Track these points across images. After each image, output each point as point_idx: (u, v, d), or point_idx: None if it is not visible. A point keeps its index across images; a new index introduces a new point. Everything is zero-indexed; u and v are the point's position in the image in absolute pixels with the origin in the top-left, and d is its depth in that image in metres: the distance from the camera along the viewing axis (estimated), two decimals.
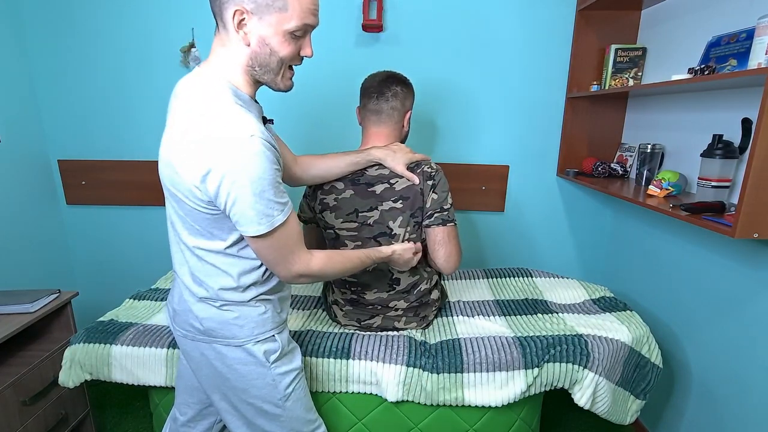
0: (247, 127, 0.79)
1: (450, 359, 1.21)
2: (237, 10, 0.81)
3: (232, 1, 0.81)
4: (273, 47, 0.85)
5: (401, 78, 1.28)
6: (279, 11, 0.82)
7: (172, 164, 0.84)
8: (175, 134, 0.84)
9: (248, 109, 0.84)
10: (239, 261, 0.92)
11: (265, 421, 1.02)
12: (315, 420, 1.12)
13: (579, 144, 1.89)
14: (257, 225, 0.83)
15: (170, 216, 0.95)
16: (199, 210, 0.86)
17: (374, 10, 1.74)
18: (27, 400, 1.36)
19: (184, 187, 0.84)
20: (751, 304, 1.24)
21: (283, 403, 1.01)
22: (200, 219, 0.87)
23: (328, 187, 1.26)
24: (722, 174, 1.22)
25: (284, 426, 1.04)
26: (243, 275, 0.93)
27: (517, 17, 1.79)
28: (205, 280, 0.93)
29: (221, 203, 0.82)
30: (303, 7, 0.83)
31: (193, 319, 0.96)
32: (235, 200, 0.80)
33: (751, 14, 1.20)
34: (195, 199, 0.84)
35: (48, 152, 1.96)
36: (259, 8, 0.81)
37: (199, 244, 0.91)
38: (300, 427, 1.06)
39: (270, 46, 0.85)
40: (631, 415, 1.36)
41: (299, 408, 1.05)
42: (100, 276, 2.12)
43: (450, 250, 1.25)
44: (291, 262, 0.91)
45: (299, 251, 0.92)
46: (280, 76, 0.90)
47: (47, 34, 1.82)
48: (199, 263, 0.93)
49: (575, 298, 1.58)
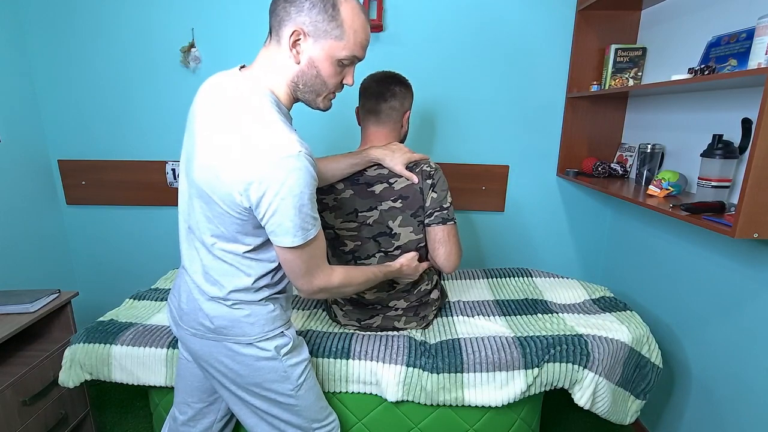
0: (295, 143, 0.82)
1: (450, 359, 1.21)
2: (296, 30, 0.84)
3: (293, 20, 0.84)
4: (320, 71, 0.89)
5: (400, 78, 1.28)
6: (335, 39, 0.86)
7: (215, 168, 0.85)
8: (217, 138, 0.86)
9: (287, 122, 0.88)
10: (257, 263, 0.95)
11: (279, 411, 1.05)
12: (327, 407, 1.15)
13: (579, 144, 1.89)
14: (293, 237, 0.86)
15: (189, 214, 0.96)
16: (232, 214, 0.87)
17: (374, 10, 1.75)
18: (27, 400, 1.36)
19: (223, 191, 0.85)
20: (751, 304, 1.24)
21: (296, 392, 1.04)
22: (229, 223, 0.89)
23: (328, 188, 1.26)
24: (722, 174, 1.22)
25: (300, 415, 1.06)
26: (260, 278, 0.96)
27: (517, 17, 1.79)
28: (219, 278, 0.95)
29: (260, 213, 0.85)
30: (357, 40, 0.89)
31: (203, 317, 0.97)
32: (275, 211, 0.83)
33: (751, 14, 1.20)
34: (232, 204, 0.86)
35: (48, 152, 1.96)
36: (317, 32, 0.85)
37: (221, 245, 0.92)
38: (314, 415, 1.10)
39: (318, 69, 0.89)
40: (631, 415, 1.36)
41: (312, 396, 1.08)
42: (100, 276, 2.12)
43: (450, 248, 1.25)
44: (314, 276, 0.94)
45: (323, 265, 0.96)
46: (321, 97, 0.94)
47: (47, 34, 1.82)
48: (215, 262, 0.94)
49: (575, 298, 1.58)
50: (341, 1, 0.85)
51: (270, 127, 0.83)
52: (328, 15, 0.84)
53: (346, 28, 0.86)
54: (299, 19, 0.84)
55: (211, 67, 1.83)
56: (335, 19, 0.85)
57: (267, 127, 0.83)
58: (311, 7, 0.83)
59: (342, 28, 0.86)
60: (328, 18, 0.85)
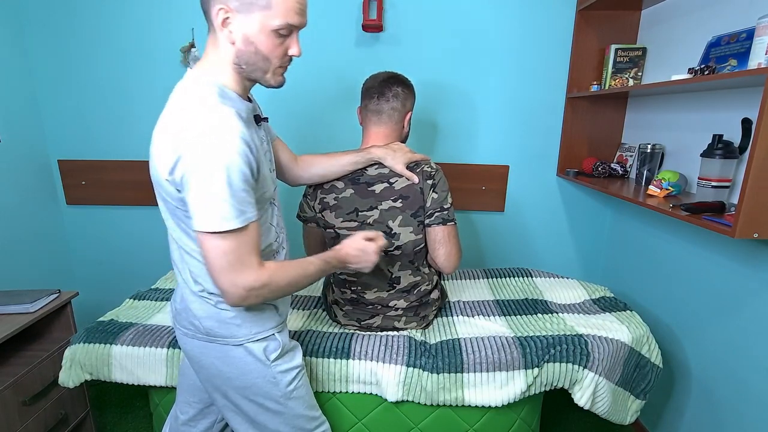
0: (222, 119, 0.79)
1: (450, 359, 1.21)
2: (221, 8, 0.82)
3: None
4: (257, 45, 0.85)
5: (402, 79, 1.28)
6: (262, 9, 0.81)
7: (152, 160, 0.85)
8: (157, 137, 0.85)
9: (233, 106, 0.85)
10: None
11: (267, 417, 1.02)
12: (318, 417, 1.12)
13: (579, 144, 1.89)
14: (205, 220, 0.79)
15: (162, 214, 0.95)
16: (178, 207, 0.85)
17: (374, 10, 1.74)
18: (27, 400, 1.36)
19: (163, 184, 0.84)
20: (751, 304, 1.24)
21: (285, 400, 1.02)
22: (181, 217, 0.87)
23: (328, 186, 1.26)
24: (722, 174, 1.22)
25: (287, 423, 1.04)
26: None
27: (517, 17, 1.79)
28: (198, 276, 0.94)
29: (185, 191, 0.80)
30: (287, 6, 0.83)
31: (193, 317, 0.97)
32: (191, 187, 0.78)
33: (751, 14, 1.20)
34: (170, 196, 0.84)
35: (48, 152, 1.96)
36: (242, 6, 0.81)
37: (185, 242, 0.91)
38: (303, 424, 1.07)
39: (255, 45, 0.84)
40: (631, 415, 1.36)
41: (301, 406, 1.05)
42: (100, 276, 2.12)
43: (450, 249, 1.25)
44: (239, 272, 0.83)
45: (249, 261, 0.84)
46: (270, 74, 0.89)
47: (47, 34, 1.82)
48: (189, 258, 0.93)
49: (575, 298, 1.58)
50: None
51: (197, 109, 0.81)
52: None
53: None
54: None
55: None
56: None
57: (195, 109, 0.81)
58: None
59: None
60: None
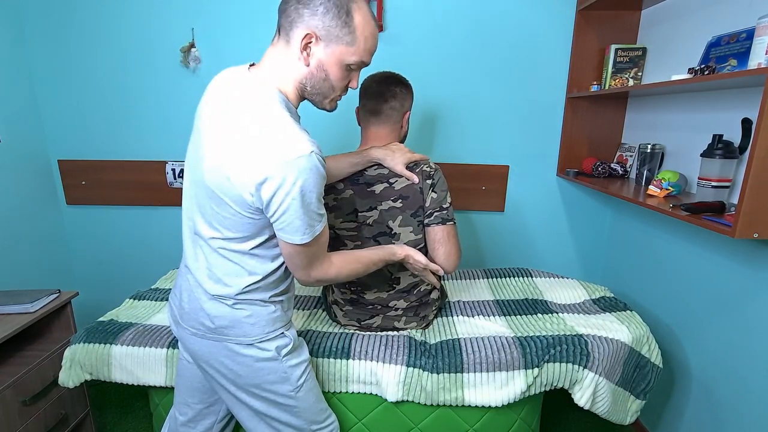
0: (306, 142, 0.83)
1: (450, 359, 1.21)
2: (308, 34, 0.85)
3: (306, 23, 0.84)
4: (329, 74, 0.90)
5: (400, 79, 1.28)
6: (346, 45, 0.87)
7: (225, 170, 0.85)
8: (227, 139, 0.85)
9: (296, 121, 0.88)
10: (262, 263, 0.96)
11: (279, 412, 1.05)
12: (326, 409, 1.15)
13: (579, 144, 1.89)
14: (301, 235, 0.88)
15: (195, 213, 0.95)
16: (243, 215, 0.88)
17: (374, 10, 1.74)
18: (27, 400, 1.36)
19: (234, 192, 0.85)
20: (751, 304, 1.24)
21: (295, 393, 1.04)
22: (240, 223, 0.90)
23: (328, 187, 1.26)
24: (722, 174, 1.22)
25: (299, 416, 1.07)
26: (264, 277, 0.97)
27: (517, 17, 1.79)
28: (223, 277, 0.95)
29: (270, 212, 0.86)
30: (367, 47, 0.90)
31: (204, 317, 0.97)
32: (285, 211, 0.84)
33: (751, 14, 1.20)
34: (243, 205, 0.86)
35: (48, 152, 1.96)
36: (329, 36, 0.86)
37: (227, 245, 0.92)
38: (313, 416, 1.10)
39: (327, 72, 0.90)
40: (631, 415, 1.36)
41: (311, 398, 1.08)
42: (100, 276, 2.12)
43: (449, 248, 1.25)
44: (313, 268, 0.96)
45: (322, 257, 0.97)
46: (328, 99, 0.96)
47: (47, 34, 1.82)
48: (220, 260, 0.94)
49: (575, 298, 1.58)
50: (355, 8, 0.86)
51: (280, 127, 0.83)
52: (342, 21, 0.85)
53: (358, 35, 0.87)
54: (312, 22, 0.84)
55: (211, 67, 1.83)
56: (348, 26, 0.85)
57: (277, 127, 0.83)
58: (325, 12, 0.83)
59: (354, 34, 0.87)
60: (342, 24, 0.85)
